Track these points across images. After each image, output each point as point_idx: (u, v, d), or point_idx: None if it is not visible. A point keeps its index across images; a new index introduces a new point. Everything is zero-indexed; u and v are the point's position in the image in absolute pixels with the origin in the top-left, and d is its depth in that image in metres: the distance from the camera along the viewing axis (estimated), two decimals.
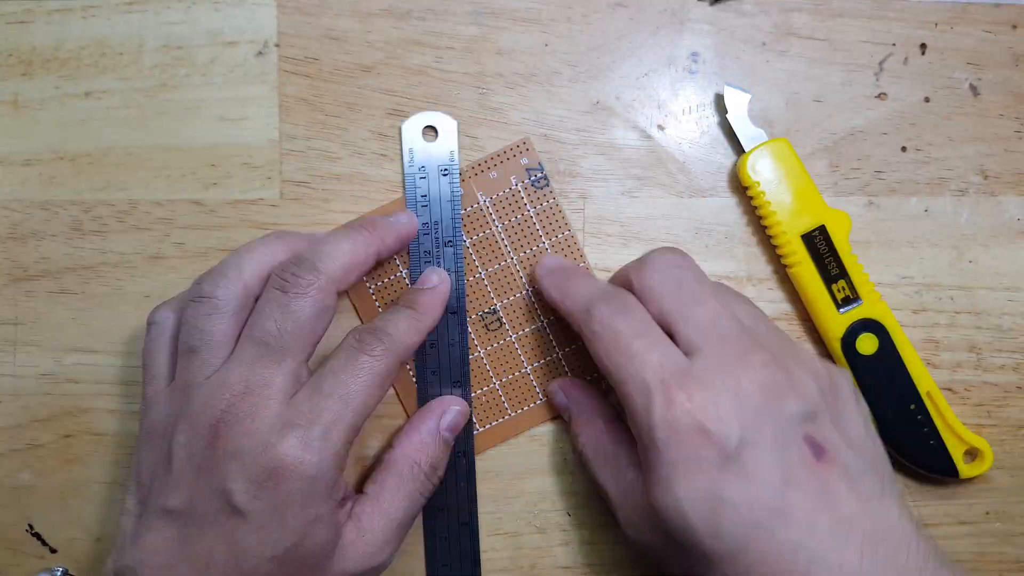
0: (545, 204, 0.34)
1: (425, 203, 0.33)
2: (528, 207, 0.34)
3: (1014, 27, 0.34)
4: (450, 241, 0.33)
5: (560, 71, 0.34)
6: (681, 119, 0.34)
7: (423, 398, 0.33)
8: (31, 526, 0.34)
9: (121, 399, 0.33)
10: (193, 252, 0.33)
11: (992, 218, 0.34)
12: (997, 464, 0.34)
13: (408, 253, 0.33)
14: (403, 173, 0.33)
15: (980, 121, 0.34)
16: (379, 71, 0.33)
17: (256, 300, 0.29)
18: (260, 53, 0.33)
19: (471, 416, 0.33)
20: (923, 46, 0.34)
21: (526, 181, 0.33)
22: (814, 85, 0.34)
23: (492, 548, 0.34)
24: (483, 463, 0.34)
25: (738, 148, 0.33)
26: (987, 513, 0.34)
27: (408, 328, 0.30)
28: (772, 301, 0.34)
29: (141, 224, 0.33)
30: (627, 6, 0.34)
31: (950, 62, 0.34)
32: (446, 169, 0.33)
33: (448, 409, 0.32)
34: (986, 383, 0.34)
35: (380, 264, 0.33)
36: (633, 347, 0.27)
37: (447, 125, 0.33)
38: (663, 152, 0.34)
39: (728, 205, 0.34)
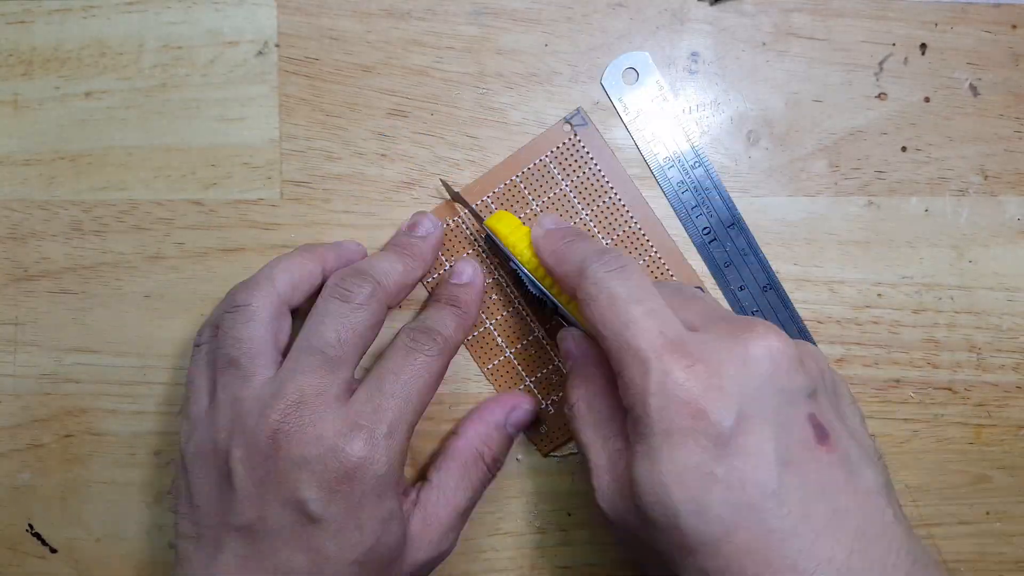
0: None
1: (657, 140, 0.33)
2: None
3: (1014, 27, 0.34)
4: (696, 163, 0.33)
5: (560, 71, 0.34)
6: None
7: None
8: (31, 526, 0.34)
9: (121, 399, 0.33)
10: (193, 252, 0.33)
11: (992, 218, 0.34)
12: (998, 464, 0.34)
13: (659, 180, 0.33)
14: (625, 125, 0.33)
15: (980, 121, 0.34)
16: (379, 71, 0.33)
17: (290, 310, 0.29)
18: (260, 53, 0.33)
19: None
20: (923, 46, 0.34)
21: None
22: (814, 85, 0.34)
23: (492, 548, 0.34)
24: None
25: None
26: (987, 513, 0.34)
27: (456, 327, 0.30)
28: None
29: (141, 224, 0.33)
30: (627, 6, 0.34)
31: (950, 62, 0.34)
32: (662, 98, 0.33)
33: (518, 406, 0.32)
34: (986, 383, 0.34)
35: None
36: (630, 312, 0.25)
37: (640, 60, 0.33)
38: None
39: None
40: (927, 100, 0.34)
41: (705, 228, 0.33)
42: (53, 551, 0.34)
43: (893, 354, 0.34)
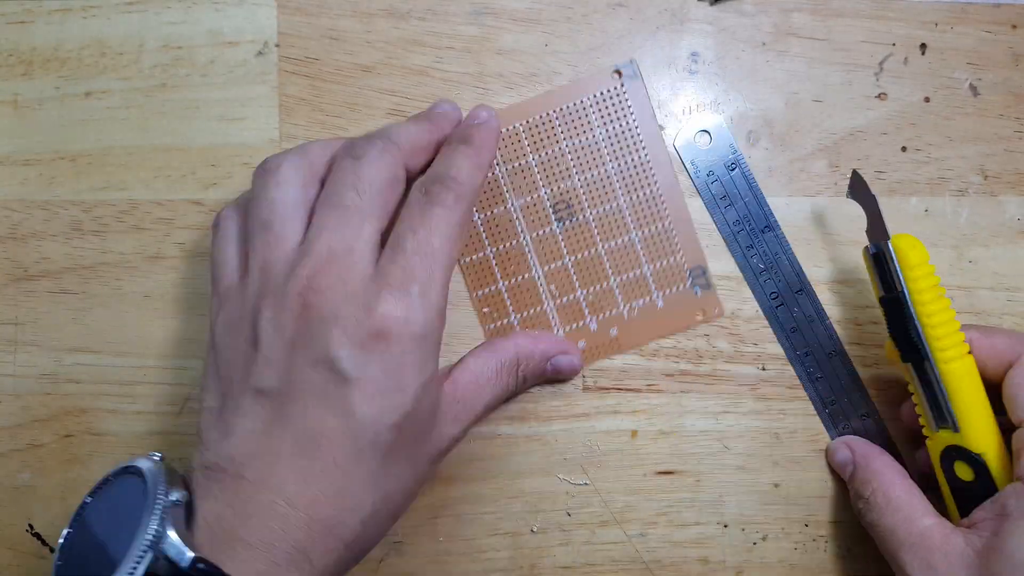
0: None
1: (728, 203, 0.33)
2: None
3: (1014, 27, 0.34)
4: (766, 227, 0.33)
5: (560, 71, 0.34)
6: (681, 119, 0.34)
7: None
8: (31, 526, 0.34)
9: (121, 399, 0.33)
10: (193, 252, 0.33)
11: (992, 218, 0.34)
12: None
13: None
14: (696, 187, 0.33)
15: (980, 121, 0.34)
16: (379, 71, 0.33)
17: (322, 182, 0.28)
18: (260, 53, 0.33)
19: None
20: (923, 46, 0.34)
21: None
22: (814, 85, 0.34)
23: (492, 548, 0.34)
24: (483, 463, 0.34)
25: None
26: None
27: (471, 168, 0.28)
28: None
29: (141, 224, 0.33)
30: (627, 6, 0.34)
31: (950, 62, 0.34)
32: (732, 163, 0.33)
33: (569, 352, 0.32)
34: None
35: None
36: None
37: (715, 122, 0.33)
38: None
39: None
40: (927, 100, 0.34)
41: (773, 293, 0.33)
42: (53, 551, 0.34)
43: None
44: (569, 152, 0.33)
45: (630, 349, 0.33)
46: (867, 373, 0.34)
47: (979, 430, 0.29)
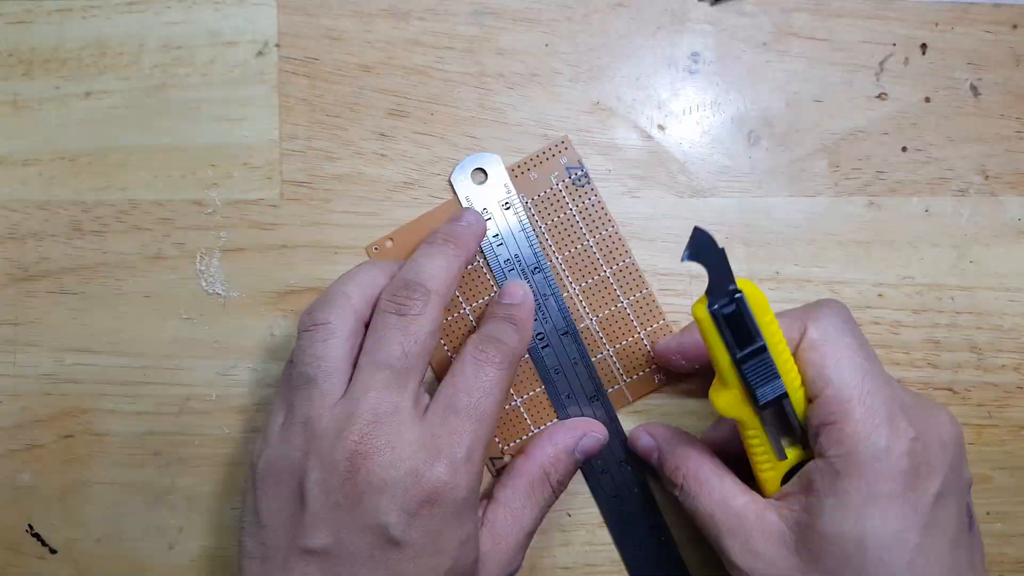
0: (587, 201, 0.33)
1: (500, 241, 0.33)
2: (570, 206, 0.33)
3: (1014, 27, 0.34)
4: (536, 268, 0.33)
5: (560, 71, 0.34)
6: (681, 119, 0.34)
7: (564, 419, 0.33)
8: (31, 526, 0.34)
9: (121, 399, 0.33)
10: (193, 252, 0.33)
11: (993, 218, 0.34)
12: (998, 464, 0.34)
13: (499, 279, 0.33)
14: None
15: (980, 121, 0.34)
16: (379, 71, 0.33)
17: (366, 327, 0.28)
18: (260, 53, 0.33)
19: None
20: (923, 46, 0.34)
21: (567, 180, 0.33)
22: (814, 85, 0.34)
23: None
24: None
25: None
26: (987, 513, 0.34)
27: (518, 339, 0.30)
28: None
29: (141, 224, 0.33)
30: (627, 6, 0.34)
31: (950, 62, 0.34)
32: (507, 203, 0.33)
33: (588, 434, 0.32)
34: (987, 383, 0.34)
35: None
36: (865, 367, 0.27)
37: (492, 162, 0.33)
38: (663, 152, 0.34)
39: (728, 205, 0.34)
40: (928, 100, 0.34)
41: (539, 333, 0.33)
42: (53, 551, 0.34)
43: (894, 354, 0.34)
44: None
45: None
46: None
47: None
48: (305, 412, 0.27)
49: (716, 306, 0.25)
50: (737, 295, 0.25)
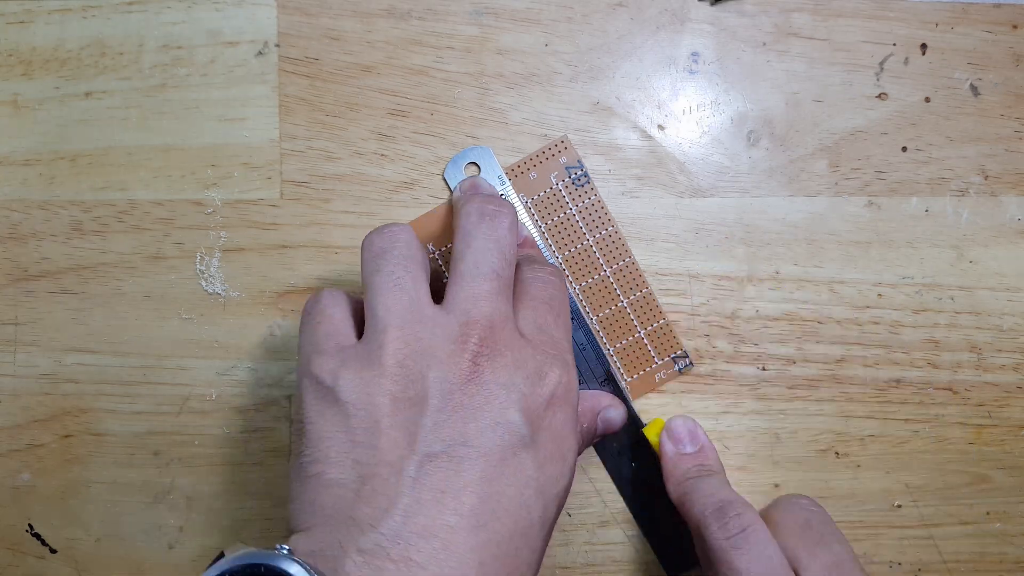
0: (587, 201, 0.33)
1: None
2: (570, 205, 0.33)
3: (1014, 27, 0.34)
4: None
5: (560, 71, 0.34)
6: (681, 119, 0.34)
7: None
8: (31, 526, 0.34)
9: (121, 399, 0.33)
10: (193, 252, 0.33)
11: (993, 218, 0.34)
12: (998, 464, 0.34)
13: None
14: None
15: (980, 121, 0.34)
16: (379, 71, 0.33)
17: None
18: (260, 53, 0.33)
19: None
20: (923, 46, 0.34)
21: (567, 180, 0.33)
22: (814, 85, 0.34)
23: None
24: None
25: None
26: (987, 513, 0.34)
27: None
28: (772, 301, 0.34)
29: (141, 224, 0.33)
30: (627, 6, 0.34)
31: (950, 62, 0.34)
32: (501, 193, 0.33)
33: (614, 406, 0.32)
34: (986, 383, 0.34)
35: None
36: None
37: (484, 155, 0.33)
38: (663, 152, 0.34)
39: (728, 205, 0.34)
40: (927, 100, 0.34)
41: None
42: (53, 551, 0.34)
43: (893, 354, 0.34)
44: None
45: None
46: (868, 373, 0.34)
47: None
48: (396, 319, 0.25)
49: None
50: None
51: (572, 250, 0.33)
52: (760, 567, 0.26)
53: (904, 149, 0.34)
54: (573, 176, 0.33)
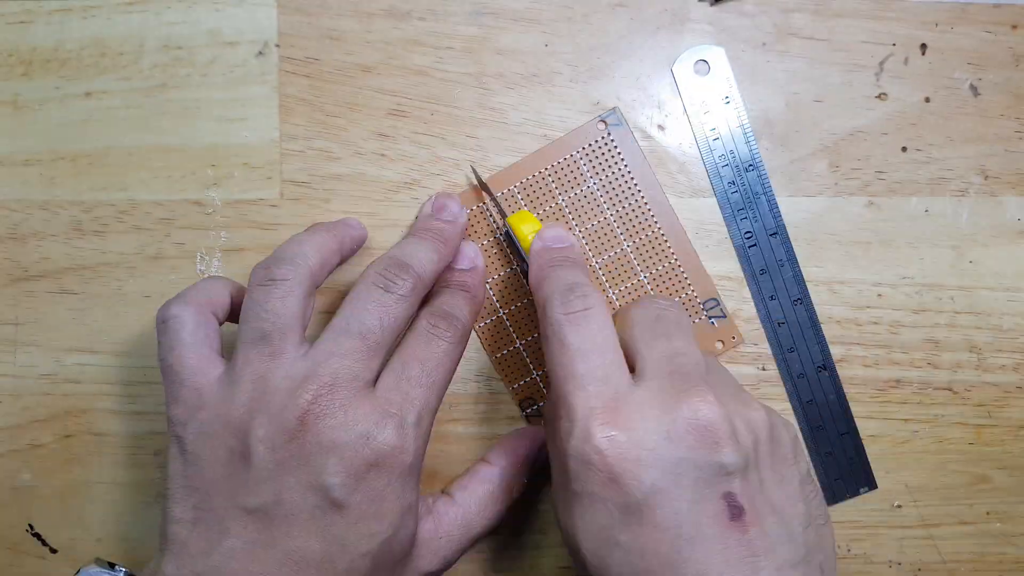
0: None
1: (716, 136, 0.33)
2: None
3: (1014, 27, 0.34)
4: (750, 165, 0.33)
5: (560, 71, 0.34)
6: (681, 119, 0.34)
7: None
8: (31, 526, 0.34)
9: (121, 399, 0.33)
10: (193, 252, 0.33)
11: (992, 218, 0.34)
12: (998, 464, 0.34)
13: (712, 176, 0.33)
14: (687, 115, 0.33)
15: (980, 121, 0.34)
16: (379, 71, 0.33)
17: (316, 288, 0.28)
18: (260, 53, 0.33)
19: None
20: (923, 46, 0.34)
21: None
22: (814, 85, 0.34)
23: (492, 548, 0.34)
24: None
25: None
26: (987, 513, 0.34)
27: (469, 312, 0.30)
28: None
29: (141, 224, 0.33)
30: (627, 6, 0.34)
31: (950, 62, 0.34)
32: (727, 98, 0.33)
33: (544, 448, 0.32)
34: (986, 383, 0.34)
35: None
36: (574, 366, 0.26)
37: (717, 55, 0.33)
38: (663, 152, 0.34)
39: None
40: (927, 100, 0.34)
41: (748, 232, 0.33)
42: (53, 551, 0.34)
43: (893, 354, 0.34)
44: (566, 206, 0.33)
45: None
46: (868, 373, 0.34)
47: None
48: (254, 369, 0.26)
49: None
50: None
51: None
52: (590, 345, 0.26)
53: (904, 149, 0.34)
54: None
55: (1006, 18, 0.34)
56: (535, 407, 0.34)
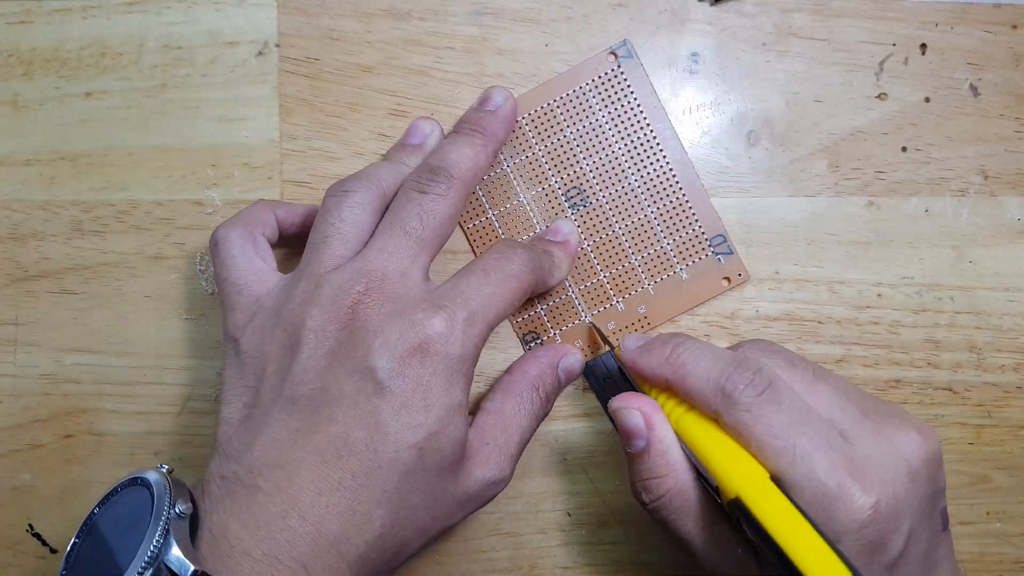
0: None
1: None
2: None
3: (1014, 27, 0.34)
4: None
5: (560, 71, 0.34)
6: (681, 119, 0.34)
7: None
8: (31, 526, 0.34)
9: (121, 399, 0.33)
10: (193, 252, 0.33)
11: (992, 218, 0.34)
12: (998, 464, 0.34)
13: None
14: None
15: (980, 121, 0.34)
16: (379, 71, 0.33)
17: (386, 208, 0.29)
18: (260, 53, 0.33)
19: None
20: (923, 46, 0.34)
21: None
22: (814, 85, 0.34)
23: (492, 548, 0.34)
24: None
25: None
26: (987, 513, 0.34)
27: (469, 158, 0.30)
28: (772, 301, 0.34)
29: (141, 224, 0.33)
30: (627, 6, 0.34)
31: (950, 62, 0.34)
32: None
33: (570, 353, 0.32)
34: (986, 383, 0.34)
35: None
36: (796, 445, 0.24)
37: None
38: None
39: (728, 205, 0.34)
40: (927, 100, 0.34)
41: None
42: (53, 551, 0.34)
43: (893, 354, 0.34)
44: (575, 139, 0.33)
45: (660, 324, 0.33)
46: (868, 373, 0.34)
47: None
48: (314, 268, 0.27)
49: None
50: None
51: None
52: (795, 415, 0.24)
53: (904, 149, 0.34)
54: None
55: (1006, 18, 0.34)
56: (538, 340, 0.34)
